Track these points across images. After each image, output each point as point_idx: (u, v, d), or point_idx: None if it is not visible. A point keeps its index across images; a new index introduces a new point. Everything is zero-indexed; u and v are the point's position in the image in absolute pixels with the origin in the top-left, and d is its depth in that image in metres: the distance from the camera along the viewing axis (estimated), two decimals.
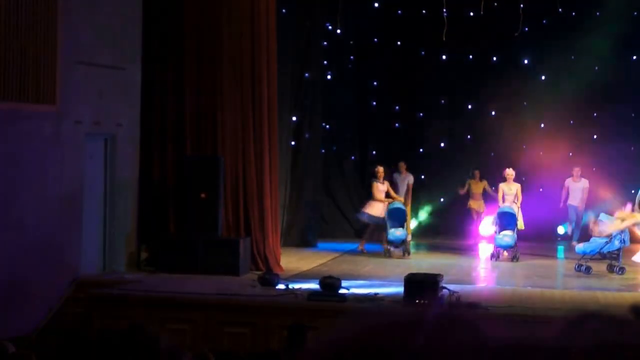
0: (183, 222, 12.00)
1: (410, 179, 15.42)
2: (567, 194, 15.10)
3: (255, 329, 9.42)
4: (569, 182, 15.13)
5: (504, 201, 14.09)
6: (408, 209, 15.29)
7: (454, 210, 16.29)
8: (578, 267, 12.19)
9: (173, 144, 12.28)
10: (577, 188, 15.05)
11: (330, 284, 10.00)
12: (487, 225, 15.18)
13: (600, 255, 12.17)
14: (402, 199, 14.83)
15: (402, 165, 15.53)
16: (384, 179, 14.58)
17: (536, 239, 14.88)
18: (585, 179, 15.05)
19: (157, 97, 12.31)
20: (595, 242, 12.17)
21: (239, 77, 12.33)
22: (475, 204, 15.91)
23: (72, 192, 10.91)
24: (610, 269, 12.31)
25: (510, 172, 14.21)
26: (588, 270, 12.13)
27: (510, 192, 14.10)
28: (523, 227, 13.93)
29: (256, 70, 12.37)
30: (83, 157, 11.15)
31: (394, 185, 15.02)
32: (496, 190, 14.69)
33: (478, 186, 15.87)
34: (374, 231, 14.65)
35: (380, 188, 14.46)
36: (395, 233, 13.97)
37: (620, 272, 12.24)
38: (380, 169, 14.52)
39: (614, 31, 15.96)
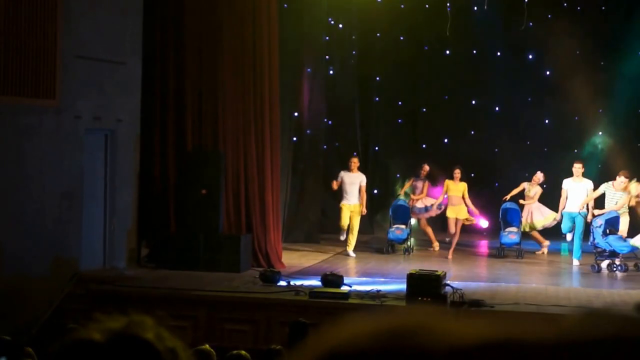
0: (184, 218, 11.93)
1: (362, 179, 13.38)
2: (566, 199, 12.83)
3: (256, 326, 9.35)
4: (567, 183, 12.89)
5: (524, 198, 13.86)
6: (357, 219, 13.36)
7: None
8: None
9: (174, 140, 12.19)
10: (577, 190, 12.75)
11: (332, 280, 9.95)
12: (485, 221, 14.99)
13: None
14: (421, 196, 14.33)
15: (354, 162, 13.35)
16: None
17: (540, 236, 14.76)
18: (588, 179, 12.88)
19: (158, 92, 12.23)
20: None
21: (240, 72, 12.24)
22: (453, 210, 13.49)
23: (72, 187, 10.83)
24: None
25: (540, 175, 13.83)
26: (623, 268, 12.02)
27: (529, 193, 13.84)
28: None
29: (257, 65, 12.28)
30: (83, 153, 11.08)
31: (342, 184, 13.29)
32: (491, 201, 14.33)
33: (457, 188, 13.47)
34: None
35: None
36: (396, 232, 13.84)
37: (595, 270, 12.08)
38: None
39: (620, 26, 15.86)
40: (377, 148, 17.26)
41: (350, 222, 13.43)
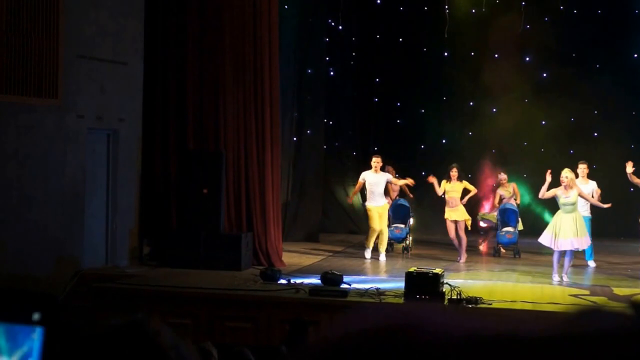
0: (185, 217, 12.03)
1: (389, 177, 13.13)
2: None
3: (257, 324, 9.44)
4: None
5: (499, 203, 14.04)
6: (386, 220, 13.12)
7: None
8: None
9: (175, 139, 12.30)
10: (585, 192, 11.52)
11: (331, 278, 10.04)
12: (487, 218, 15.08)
13: None
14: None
15: (377, 162, 13.00)
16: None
17: (537, 235, 14.85)
18: (593, 180, 12.15)
19: (159, 92, 12.33)
20: None
21: (241, 72, 12.35)
22: (453, 213, 12.86)
23: (74, 186, 10.93)
24: None
25: (502, 177, 14.15)
26: None
27: (508, 194, 14.04)
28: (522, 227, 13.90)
29: (258, 66, 12.38)
30: (85, 152, 11.18)
31: (366, 185, 12.90)
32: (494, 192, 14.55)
33: (454, 189, 12.84)
34: None
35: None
36: (395, 231, 13.95)
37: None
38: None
39: (616, 29, 15.97)
40: (375, 148, 17.36)
41: (380, 224, 12.90)
